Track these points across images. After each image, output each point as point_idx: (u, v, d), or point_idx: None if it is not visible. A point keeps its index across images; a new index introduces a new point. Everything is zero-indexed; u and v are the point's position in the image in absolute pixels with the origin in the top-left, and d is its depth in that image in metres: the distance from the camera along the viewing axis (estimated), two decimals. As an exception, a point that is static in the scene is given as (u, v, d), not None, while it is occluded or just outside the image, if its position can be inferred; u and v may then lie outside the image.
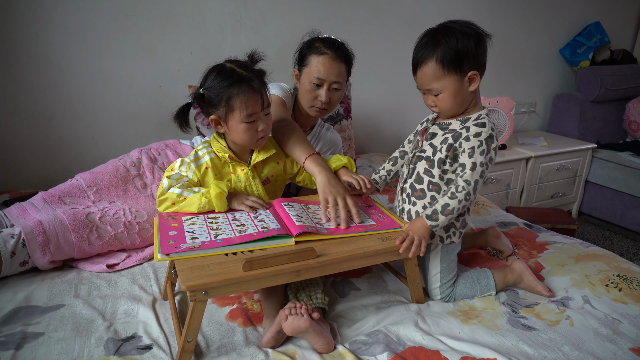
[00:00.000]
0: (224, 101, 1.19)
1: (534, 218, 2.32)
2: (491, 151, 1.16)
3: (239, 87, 1.18)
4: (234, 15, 2.15)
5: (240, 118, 1.20)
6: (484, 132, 1.15)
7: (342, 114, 2.18)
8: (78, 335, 1.08)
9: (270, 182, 1.37)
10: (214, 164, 1.28)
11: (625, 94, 3.22)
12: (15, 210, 1.40)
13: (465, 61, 1.13)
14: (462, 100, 1.18)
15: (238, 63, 1.24)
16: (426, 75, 1.17)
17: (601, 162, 3.03)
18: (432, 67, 1.15)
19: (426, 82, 1.18)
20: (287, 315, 1.02)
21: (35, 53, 1.85)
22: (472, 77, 1.15)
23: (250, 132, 1.23)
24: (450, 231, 1.27)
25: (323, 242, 1.12)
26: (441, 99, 1.18)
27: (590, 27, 3.20)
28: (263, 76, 1.25)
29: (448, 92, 1.16)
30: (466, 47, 1.12)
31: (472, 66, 1.14)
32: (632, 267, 1.37)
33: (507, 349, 1.06)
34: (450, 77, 1.15)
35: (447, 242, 1.27)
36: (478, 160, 1.14)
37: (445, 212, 1.16)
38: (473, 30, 1.14)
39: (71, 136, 2.01)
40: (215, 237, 1.08)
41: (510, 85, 3.16)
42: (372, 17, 2.48)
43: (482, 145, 1.14)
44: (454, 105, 1.18)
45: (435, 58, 1.14)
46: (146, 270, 1.39)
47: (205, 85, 1.22)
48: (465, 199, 1.15)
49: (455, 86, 1.15)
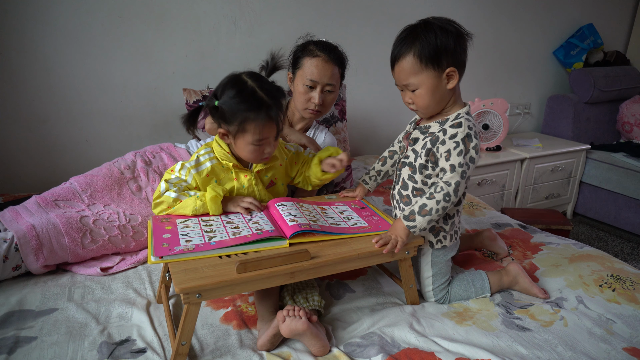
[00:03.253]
0: (238, 121, 1.16)
1: (528, 219, 2.33)
2: (470, 150, 1.13)
3: (257, 113, 1.15)
4: (229, 17, 2.15)
5: (251, 141, 1.18)
6: (460, 133, 1.13)
7: (337, 116, 2.19)
8: (71, 339, 1.07)
9: (274, 185, 1.37)
10: (214, 171, 1.26)
11: (618, 95, 3.24)
12: (9, 214, 1.39)
13: (444, 57, 1.11)
14: (440, 97, 1.15)
15: (260, 83, 1.18)
16: (403, 69, 1.15)
17: (595, 163, 3.04)
18: (410, 61, 1.13)
19: (403, 77, 1.16)
20: (285, 317, 1.02)
21: (29, 55, 1.85)
22: (450, 74, 1.13)
23: (256, 154, 1.22)
24: (440, 235, 1.25)
25: (317, 243, 1.12)
26: (418, 95, 1.16)
27: (583, 29, 3.23)
28: (282, 99, 1.21)
29: (425, 87, 1.14)
30: (445, 43, 1.10)
31: (450, 63, 1.12)
32: (625, 268, 1.38)
33: (501, 350, 1.06)
34: (428, 73, 1.12)
35: (438, 246, 1.25)
36: (456, 161, 1.12)
37: (422, 212, 1.14)
38: (453, 27, 1.12)
39: (66, 139, 2.00)
40: (209, 239, 1.08)
41: (504, 87, 3.17)
42: (367, 19, 2.49)
43: (458, 147, 1.12)
44: (431, 102, 1.16)
45: (413, 52, 1.12)
46: (140, 273, 1.38)
47: (221, 98, 1.17)
48: (445, 199, 1.13)
49: (432, 82, 1.13)
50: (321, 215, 1.25)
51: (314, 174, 1.38)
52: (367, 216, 1.28)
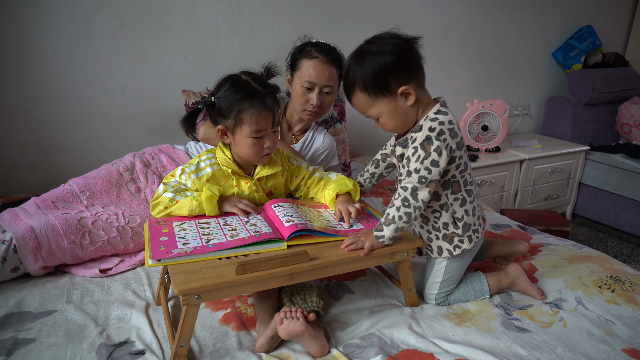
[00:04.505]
0: (234, 113, 1.17)
1: (528, 220, 2.33)
2: (431, 153, 1.07)
3: (251, 101, 1.16)
4: (228, 19, 2.15)
5: (248, 133, 1.18)
6: (419, 137, 1.09)
7: (336, 118, 2.19)
8: (70, 341, 1.07)
9: (272, 194, 1.37)
10: (214, 177, 1.26)
11: (617, 97, 3.25)
12: (7, 216, 1.39)
13: (390, 79, 1.07)
14: (404, 117, 1.12)
15: (254, 76, 1.22)
16: (357, 105, 1.14)
17: (594, 164, 3.04)
18: (359, 96, 1.11)
19: (361, 111, 1.15)
20: (283, 319, 1.02)
21: (28, 57, 1.85)
22: (404, 93, 1.09)
23: (255, 148, 1.21)
24: (455, 241, 1.21)
25: (316, 245, 1.12)
26: (383, 122, 1.14)
27: (582, 31, 3.23)
28: (277, 93, 1.23)
29: (385, 115, 1.12)
30: (384, 65, 1.06)
31: (400, 81, 1.08)
32: (624, 269, 1.38)
33: (500, 351, 1.06)
34: (381, 101, 1.10)
35: (457, 252, 1.21)
36: (412, 167, 1.09)
37: (386, 221, 1.12)
38: (389, 44, 1.07)
39: (65, 141, 2.00)
40: (206, 242, 1.08)
41: (503, 88, 3.18)
42: (366, 20, 2.49)
43: (416, 152, 1.09)
44: (397, 124, 1.13)
45: (358, 87, 1.09)
46: (139, 275, 1.38)
47: (217, 94, 1.20)
48: (404, 204, 1.10)
49: (390, 107, 1.10)
50: (317, 217, 1.25)
51: (324, 201, 1.36)
52: (364, 219, 1.28)
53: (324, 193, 1.35)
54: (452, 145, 1.10)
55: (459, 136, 1.12)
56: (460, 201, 1.19)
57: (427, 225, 1.23)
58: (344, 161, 2.11)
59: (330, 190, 1.31)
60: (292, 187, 1.40)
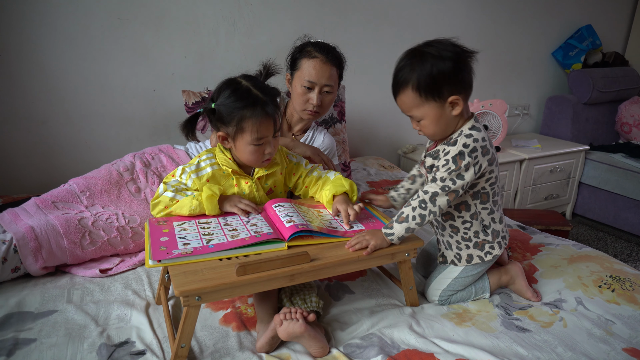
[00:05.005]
0: (235, 121, 1.17)
1: (528, 220, 2.32)
2: (461, 167, 1.09)
3: (252, 110, 1.16)
4: (228, 19, 2.15)
5: (250, 140, 1.18)
6: (452, 151, 1.11)
7: (336, 118, 2.19)
8: (70, 341, 1.07)
9: (272, 192, 1.37)
10: (214, 177, 1.26)
11: (617, 96, 3.25)
12: (8, 216, 1.39)
13: (444, 86, 1.08)
14: (445, 124, 1.13)
15: (254, 82, 1.21)
16: (404, 103, 1.14)
17: (594, 163, 3.05)
18: (409, 95, 1.11)
19: (406, 109, 1.15)
20: (282, 320, 1.02)
21: (28, 57, 1.85)
22: (453, 102, 1.10)
23: (257, 154, 1.21)
24: (486, 247, 1.23)
25: (316, 246, 1.12)
26: (423, 125, 1.15)
27: (582, 30, 3.23)
28: (277, 97, 1.23)
29: (429, 119, 1.12)
30: (443, 71, 1.07)
31: (452, 91, 1.09)
32: (624, 268, 1.38)
33: (501, 351, 1.06)
34: (430, 104, 1.10)
35: (488, 258, 1.23)
36: (439, 175, 1.11)
37: (399, 219, 1.13)
38: (451, 51, 1.08)
39: (64, 141, 2.00)
40: (207, 242, 1.08)
41: (503, 88, 3.18)
42: (366, 20, 2.49)
43: (447, 164, 1.10)
44: (437, 130, 1.14)
45: (411, 86, 1.09)
46: (140, 274, 1.38)
47: (218, 100, 1.19)
48: (420, 206, 1.12)
49: (435, 112, 1.11)
50: (317, 217, 1.25)
51: (321, 201, 1.36)
52: (365, 219, 1.28)
53: (321, 193, 1.35)
54: (483, 163, 1.12)
55: (490, 152, 1.14)
56: (489, 210, 1.21)
57: (457, 235, 1.24)
58: (344, 161, 2.12)
59: (327, 191, 1.31)
60: (291, 184, 1.40)
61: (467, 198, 1.20)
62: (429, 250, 1.44)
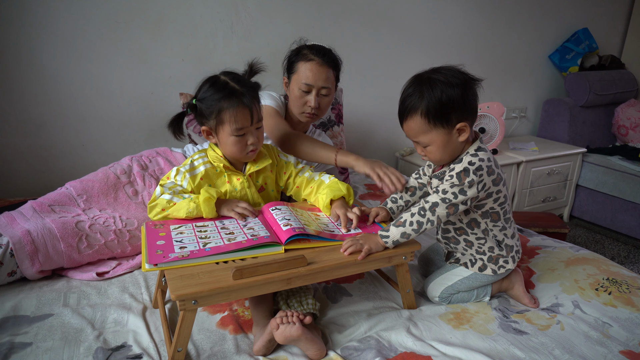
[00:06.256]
0: (214, 113, 1.21)
1: (525, 222, 2.33)
2: (465, 183, 1.10)
3: (229, 101, 1.19)
4: (226, 22, 2.15)
5: (230, 131, 1.21)
6: (458, 167, 1.11)
7: (334, 120, 2.19)
8: (67, 344, 1.06)
9: (264, 190, 1.38)
10: (208, 175, 1.28)
11: (613, 99, 3.26)
12: (4, 220, 1.38)
13: (452, 113, 1.08)
14: (452, 150, 1.14)
15: (232, 76, 1.24)
16: (412, 129, 1.14)
17: (591, 166, 3.05)
18: (418, 121, 1.11)
19: (413, 135, 1.15)
20: (279, 324, 1.02)
21: (25, 60, 1.84)
22: (461, 129, 1.11)
23: (239, 145, 1.23)
24: (500, 262, 1.24)
25: (313, 249, 1.12)
26: (430, 151, 1.15)
27: (578, 33, 3.24)
28: (257, 90, 1.26)
29: (436, 145, 1.12)
30: (451, 98, 1.07)
31: (460, 117, 1.09)
32: (621, 271, 1.38)
33: (498, 353, 1.06)
34: (437, 131, 1.11)
35: (502, 271, 1.24)
36: (442, 187, 1.12)
37: (397, 223, 1.14)
38: (459, 78, 1.09)
39: (62, 143, 2.00)
40: (204, 245, 1.07)
41: (500, 91, 3.19)
42: (364, 23, 2.49)
43: (452, 178, 1.11)
44: (444, 156, 1.15)
45: (420, 112, 1.09)
46: (137, 278, 1.38)
47: (198, 96, 1.24)
48: (419, 213, 1.13)
49: (443, 139, 1.11)
50: (314, 220, 1.25)
51: (318, 205, 1.35)
52: (362, 222, 1.28)
53: (317, 197, 1.35)
54: (487, 183, 1.12)
55: (495, 173, 1.14)
56: (501, 227, 1.22)
57: (471, 249, 1.25)
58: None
59: (324, 196, 1.31)
60: (282, 183, 1.41)
61: (477, 216, 1.20)
62: (430, 255, 1.44)
